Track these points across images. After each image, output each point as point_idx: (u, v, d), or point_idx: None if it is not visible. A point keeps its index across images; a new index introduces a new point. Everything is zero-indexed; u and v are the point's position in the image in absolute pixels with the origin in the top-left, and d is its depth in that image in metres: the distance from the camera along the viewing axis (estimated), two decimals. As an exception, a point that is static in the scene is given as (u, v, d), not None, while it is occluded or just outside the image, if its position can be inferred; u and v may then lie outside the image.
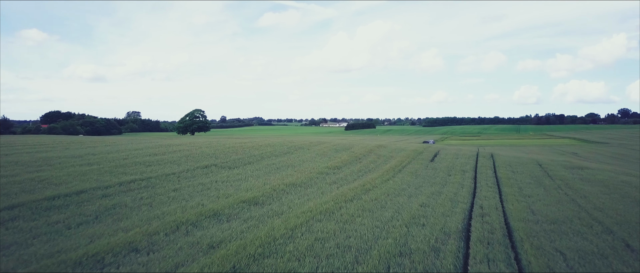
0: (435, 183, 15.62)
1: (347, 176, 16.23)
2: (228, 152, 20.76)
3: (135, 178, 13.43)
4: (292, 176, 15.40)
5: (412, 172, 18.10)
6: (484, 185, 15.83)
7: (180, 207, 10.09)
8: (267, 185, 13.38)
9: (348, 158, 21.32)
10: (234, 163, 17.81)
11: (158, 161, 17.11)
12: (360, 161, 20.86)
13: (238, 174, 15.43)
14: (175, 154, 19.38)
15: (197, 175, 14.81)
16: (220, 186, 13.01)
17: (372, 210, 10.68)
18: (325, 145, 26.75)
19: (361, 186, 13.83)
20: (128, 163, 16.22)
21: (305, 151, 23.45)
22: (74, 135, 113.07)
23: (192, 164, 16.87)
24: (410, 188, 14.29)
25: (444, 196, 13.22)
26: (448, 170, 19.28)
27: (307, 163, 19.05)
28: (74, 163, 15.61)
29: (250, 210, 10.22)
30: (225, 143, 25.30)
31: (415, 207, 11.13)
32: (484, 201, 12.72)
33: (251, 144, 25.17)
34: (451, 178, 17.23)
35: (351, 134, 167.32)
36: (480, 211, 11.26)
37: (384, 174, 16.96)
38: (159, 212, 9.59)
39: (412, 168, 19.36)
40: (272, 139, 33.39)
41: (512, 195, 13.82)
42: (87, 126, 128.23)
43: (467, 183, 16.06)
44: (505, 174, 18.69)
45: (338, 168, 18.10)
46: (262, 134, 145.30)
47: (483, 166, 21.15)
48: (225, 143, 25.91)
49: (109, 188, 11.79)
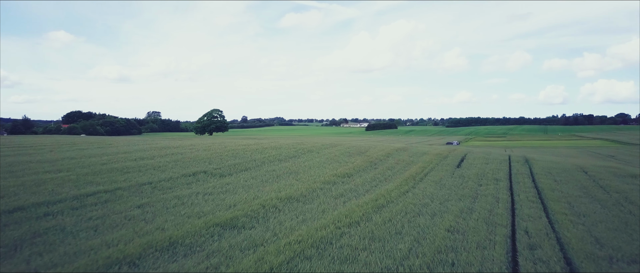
0: (464, 196, 12.90)
1: (358, 186, 13.66)
2: (226, 156, 18.42)
3: (100, 189, 11.15)
4: (291, 187, 12.91)
5: (436, 181, 15.40)
6: (523, 199, 13.04)
7: (129, 233, 7.71)
8: (256, 200, 10.92)
9: (362, 163, 18.72)
10: (228, 170, 15.44)
11: (140, 167, 14.87)
12: (376, 167, 18.24)
13: (227, 184, 13.03)
14: (164, 158, 17.15)
15: (178, 185, 12.46)
16: (199, 201, 10.61)
17: (383, 238, 8.10)
18: (338, 148, 24.20)
19: (373, 202, 11.25)
20: (104, 169, 14.00)
21: (314, 154, 20.95)
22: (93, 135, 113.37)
23: (177, 171, 14.57)
24: (433, 203, 11.64)
25: (477, 215, 10.53)
26: (478, 178, 16.50)
27: (314, 169, 16.54)
28: (39, 169, 13.47)
29: (221, 238, 7.76)
30: (228, 146, 23.01)
31: (440, 234, 8.50)
32: (529, 222, 9.99)
33: (256, 146, 22.80)
34: (483, 188, 14.47)
35: (371, 135, 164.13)
36: (527, 239, 8.56)
37: (402, 184, 14.33)
38: (97, 241, 7.22)
39: (436, 175, 16.65)
40: (283, 140, 31.00)
41: (563, 214, 11.03)
42: (107, 126, 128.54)
43: (502, 196, 13.30)
44: (547, 184, 15.80)
45: (349, 175, 15.54)
46: (279, 134, 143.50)
47: (518, 173, 18.26)
48: (228, 145, 23.63)
49: (58, 204, 9.52)
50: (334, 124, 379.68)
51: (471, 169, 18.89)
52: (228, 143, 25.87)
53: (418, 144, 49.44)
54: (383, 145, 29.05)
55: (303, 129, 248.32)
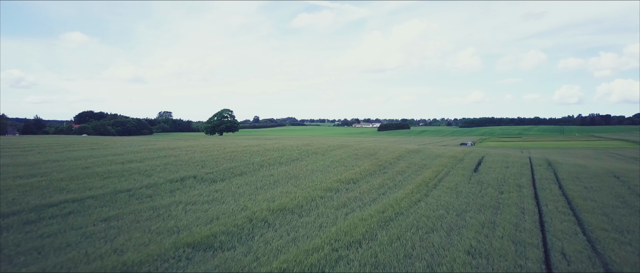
0: (484, 207, 11.31)
1: (364, 194, 12.13)
2: (222, 159, 17.04)
3: (69, 198, 9.81)
4: (287, 195, 11.44)
5: (451, 188, 13.81)
6: (552, 210, 11.40)
7: (78, 256, 6.32)
8: (244, 211, 9.49)
9: (370, 166, 17.19)
10: (221, 174, 14.04)
11: (125, 171, 13.54)
12: (386, 171, 16.69)
13: (216, 191, 11.62)
14: (155, 161, 15.82)
15: (159, 193, 11.08)
16: (177, 214, 9.20)
17: (389, 263, 6.60)
18: (345, 150, 22.68)
19: (379, 214, 9.73)
20: (83, 174, 12.70)
21: (319, 157, 19.46)
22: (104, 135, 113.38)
23: (165, 176, 13.20)
24: (449, 216, 10.08)
25: (501, 231, 8.95)
26: (498, 185, 14.86)
27: (316, 174, 15.06)
28: (13, 174, 12.20)
29: (188, 264, 6.33)
30: (228, 147, 21.65)
31: (459, 258, 6.97)
32: (564, 241, 8.38)
33: (257, 148, 21.40)
34: (505, 197, 12.84)
35: (384, 135, 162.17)
36: (566, 266, 6.99)
37: (413, 191, 12.77)
38: (32, 269, 5.84)
39: (452, 181, 15.04)
40: (288, 141, 29.58)
41: (603, 230, 9.39)
42: (118, 126, 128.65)
43: (528, 207, 11.67)
44: (576, 191, 14.10)
45: (354, 181, 14.02)
46: (289, 134, 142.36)
47: (543, 179, 16.56)
48: (228, 146, 22.27)
49: (10, 217, 8.18)
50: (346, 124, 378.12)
51: (490, 173, 17.23)
52: (229, 144, 24.52)
53: (431, 146, 47.67)
54: (394, 147, 27.45)
55: (314, 130, 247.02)
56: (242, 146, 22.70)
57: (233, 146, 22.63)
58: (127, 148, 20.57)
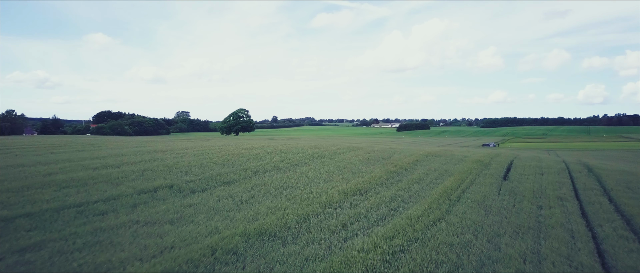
0: (522, 229, 8.92)
1: (370, 210, 9.85)
2: (212, 164, 14.99)
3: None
4: (274, 212, 9.25)
5: (478, 201, 11.41)
6: (610, 233, 8.94)
7: None
8: (211, 237, 7.34)
9: (383, 173, 14.89)
10: (204, 183, 11.95)
11: (93, 178, 11.58)
12: (400, 178, 14.36)
13: (189, 206, 9.50)
14: (135, 166, 13.87)
15: (117, 209, 9.01)
16: (123, 240, 7.09)
17: None
18: (356, 153, 20.41)
19: (386, 241, 7.48)
20: (39, 183, 10.78)
21: (325, 161, 17.25)
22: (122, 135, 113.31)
23: (136, 185, 11.17)
24: (479, 243, 7.75)
25: (550, 267, 6.61)
26: (535, 197, 12.39)
27: (317, 183, 12.85)
28: (-49, 182, 10.33)
29: None
30: (226, 149, 19.62)
31: (500, 323, 4.67)
32: (643, 287, 5.99)
33: (258, 151, 19.30)
34: (546, 214, 10.40)
35: (402, 136, 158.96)
36: None
37: (432, 206, 10.43)
38: None
39: (478, 192, 12.62)
40: (296, 142, 27.43)
41: (690, 267, 6.93)
42: (135, 126, 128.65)
43: (578, 228, 9.23)
44: (634, 207, 11.53)
45: (361, 192, 11.75)
46: (306, 134, 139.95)
47: (587, 189, 13.99)
48: (228, 148, 20.25)
49: None
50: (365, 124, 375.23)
51: (523, 182, 14.73)
52: (230, 145, 22.49)
53: (452, 147, 44.97)
54: (412, 149, 25.02)
55: (332, 130, 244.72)
56: (243, 148, 20.64)
57: (233, 148, 20.59)
58: (116, 150, 18.72)
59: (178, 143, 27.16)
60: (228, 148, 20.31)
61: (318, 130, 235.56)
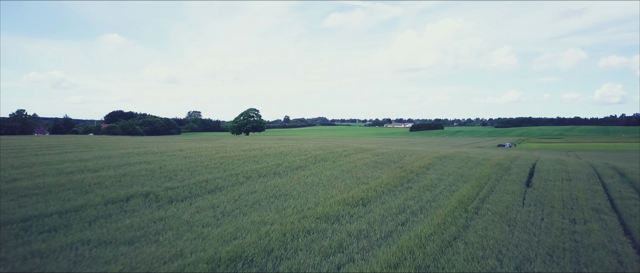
0: (556, 251, 7.34)
1: (373, 226, 8.33)
2: (202, 168, 13.60)
3: None
4: (257, 229, 7.79)
5: (500, 213, 9.81)
6: (666, 257, 7.31)
7: None
8: (171, 264, 5.92)
9: (391, 178, 13.36)
10: (185, 191, 10.54)
11: (60, 186, 10.26)
12: (410, 185, 12.80)
13: (159, 220, 8.09)
14: (115, 170, 12.55)
15: (73, 224, 7.62)
16: (55, 267, 5.70)
17: None
18: (363, 155, 18.87)
19: (390, 269, 5.97)
20: None
21: (328, 164, 15.76)
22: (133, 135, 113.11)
23: (108, 193, 9.81)
24: (504, 270, 6.22)
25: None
26: (566, 208, 10.75)
27: (315, 190, 11.36)
28: None
29: None
30: (222, 151, 18.26)
31: None
32: None
33: (256, 153, 17.89)
34: (582, 230, 8.78)
35: (415, 136, 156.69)
36: None
37: (446, 220, 8.87)
38: None
39: (500, 201, 11.01)
40: (302, 143, 25.97)
41: None
42: (146, 126, 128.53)
43: (624, 251, 7.61)
44: (684, 221, 9.83)
45: (365, 202, 10.24)
46: (315, 134, 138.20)
47: (625, 199, 12.26)
48: (226, 150, 18.88)
49: None
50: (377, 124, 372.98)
51: (549, 189, 13.06)
52: (229, 147, 21.12)
53: (467, 148, 43.15)
54: (424, 151, 23.39)
55: (343, 130, 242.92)
56: (241, 149, 19.25)
57: (231, 149, 19.22)
58: (105, 152, 17.46)
59: (179, 143, 25.91)
60: (226, 150, 18.94)
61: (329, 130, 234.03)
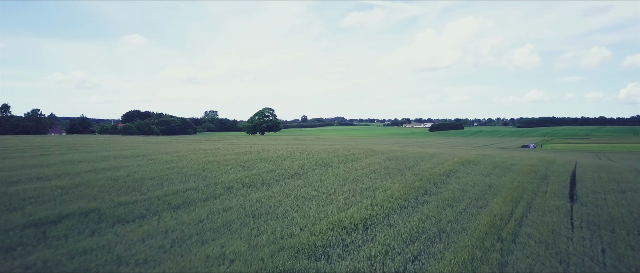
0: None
1: (374, 264, 6.04)
2: (179, 176, 11.49)
3: None
4: (210, 267, 5.60)
5: (545, 242, 7.39)
6: None
7: None
8: None
9: (403, 189, 11.02)
10: (144, 207, 8.40)
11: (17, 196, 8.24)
12: (427, 198, 10.44)
13: (81, 254, 5.94)
14: (73, 178, 10.55)
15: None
16: None
17: None
18: (373, 159, 16.54)
19: None
20: None
21: (330, 171, 13.49)
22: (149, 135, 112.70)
23: (39, 211, 7.73)
24: None
25: None
26: (630, 234, 8.25)
27: (308, 205, 9.11)
28: None
29: None
30: (215, 153, 16.17)
31: None
32: None
33: (251, 156, 15.74)
34: (665, 271, 6.32)
35: (435, 136, 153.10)
36: None
37: (474, 254, 6.52)
38: None
39: (541, 223, 8.57)
40: (305, 145, 23.77)
41: None
42: (162, 126, 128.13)
43: None
44: None
45: (366, 225, 7.93)
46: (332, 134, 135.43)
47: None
48: (218, 152, 16.79)
49: None
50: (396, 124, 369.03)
51: (601, 205, 10.53)
52: (225, 149, 19.02)
53: (490, 150, 40.38)
54: (444, 154, 20.90)
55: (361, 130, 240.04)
56: (236, 152, 17.13)
57: (224, 152, 17.12)
58: (85, 155, 15.54)
59: (176, 144, 23.97)
60: (219, 153, 16.84)
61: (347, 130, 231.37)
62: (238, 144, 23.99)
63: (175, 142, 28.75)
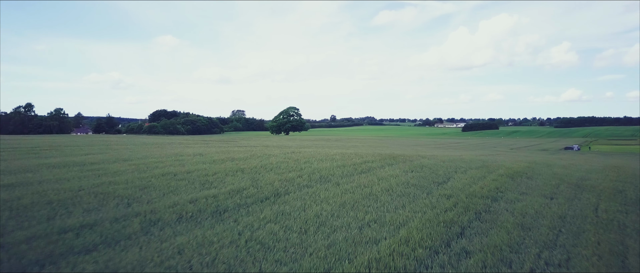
0: None
1: None
2: (99, 199, 7.89)
3: None
4: None
5: None
6: None
7: None
8: None
9: (425, 225, 7.08)
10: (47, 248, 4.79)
11: None
12: (466, 243, 6.44)
13: None
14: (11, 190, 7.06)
15: None
16: None
17: None
18: (392, 170, 12.56)
19: None
20: None
21: (324, 190, 9.61)
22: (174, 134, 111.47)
23: None
24: None
25: None
26: None
27: (258, 261, 5.29)
28: None
29: None
30: (186, 160, 12.58)
31: None
32: None
33: (229, 166, 12.06)
34: None
35: (469, 136, 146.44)
36: None
37: None
38: None
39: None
40: (313, 149, 19.94)
41: None
42: (188, 125, 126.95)
43: None
44: None
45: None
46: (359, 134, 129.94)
47: None
48: (191, 156, 13.19)
49: None
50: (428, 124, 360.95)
51: None
52: (206, 155, 15.41)
53: (530, 152, 35.55)
54: (483, 162, 16.67)
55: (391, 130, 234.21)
56: (217, 160, 13.51)
57: (198, 160, 13.52)
58: (41, 160, 12.25)
59: (159, 148, 20.64)
60: (194, 160, 13.27)
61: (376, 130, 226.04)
62: (237, 148, 20.42)
63: (170, 144, 25.48)
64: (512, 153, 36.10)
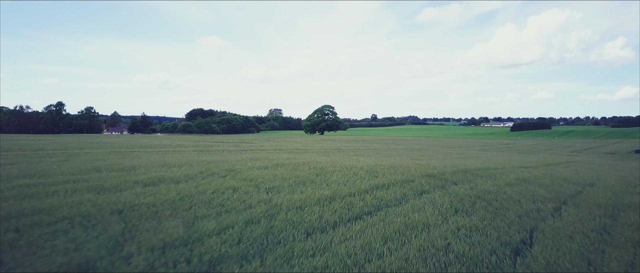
0: None
1: None
2: None
3: None
4: None
5: None
6: None
7: None
8: None
9: None
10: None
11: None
12: None
13: None
14: None
15: None
16: None
17: None
18: (430, 198, 6.80)
19: None
20: None
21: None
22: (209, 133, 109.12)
23: None
24: None
25: None
26: None
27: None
28: None
29: None
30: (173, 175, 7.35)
31: None
32: None
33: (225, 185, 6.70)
34: None
35: (518, 137, 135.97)
36: None
37: None
38: None
39: None
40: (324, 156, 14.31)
41: None
42: (223, 124, 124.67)
43: None
44: None
45: None
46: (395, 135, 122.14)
47: None
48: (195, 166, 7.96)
49: None
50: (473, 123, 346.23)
51: None
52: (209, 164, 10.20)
53: (594, 155, 28.55)
54: (552, 177, 10.57)
55: (435, 129, 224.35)
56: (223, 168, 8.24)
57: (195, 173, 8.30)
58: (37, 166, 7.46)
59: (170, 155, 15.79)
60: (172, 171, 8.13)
61: (418, 129, 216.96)
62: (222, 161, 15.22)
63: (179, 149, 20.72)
64: (579, 156, 29.12)
